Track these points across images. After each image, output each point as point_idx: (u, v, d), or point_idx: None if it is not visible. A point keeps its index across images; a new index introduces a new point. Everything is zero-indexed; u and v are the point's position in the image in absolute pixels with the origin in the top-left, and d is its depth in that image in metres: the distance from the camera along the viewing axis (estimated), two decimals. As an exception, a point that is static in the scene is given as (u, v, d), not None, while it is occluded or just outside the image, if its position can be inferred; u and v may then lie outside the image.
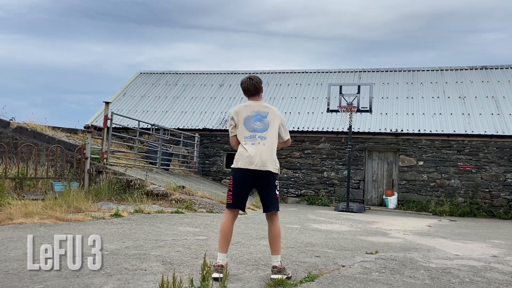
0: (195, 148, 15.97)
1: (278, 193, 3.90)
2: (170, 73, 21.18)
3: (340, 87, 13.77)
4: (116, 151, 12.81)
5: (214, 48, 70.06)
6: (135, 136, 14.11)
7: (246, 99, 4.08)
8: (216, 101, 18.16)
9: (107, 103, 11.06)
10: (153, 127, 13.57)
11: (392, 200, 14.50)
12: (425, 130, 14.75)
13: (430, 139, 14.77)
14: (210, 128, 16.45)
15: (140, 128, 13.41)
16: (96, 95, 74.46)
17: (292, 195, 15.59)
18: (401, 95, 16.82)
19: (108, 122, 10.85)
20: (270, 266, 4.08)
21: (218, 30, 72.91)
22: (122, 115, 13.35)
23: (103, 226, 6.34)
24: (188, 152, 16.25)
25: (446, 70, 17.97)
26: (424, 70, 18.21)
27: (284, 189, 15.57)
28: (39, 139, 11.71)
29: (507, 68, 17.38)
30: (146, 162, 13.61)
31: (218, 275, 3.39)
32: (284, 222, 8.07)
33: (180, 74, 20.97)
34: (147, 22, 77.05)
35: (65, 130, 13.92)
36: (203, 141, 16.49)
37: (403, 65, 41.54)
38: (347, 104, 13.29)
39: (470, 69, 17.79)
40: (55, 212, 6.74)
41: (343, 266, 4.47)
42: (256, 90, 4.00)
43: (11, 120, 13.02)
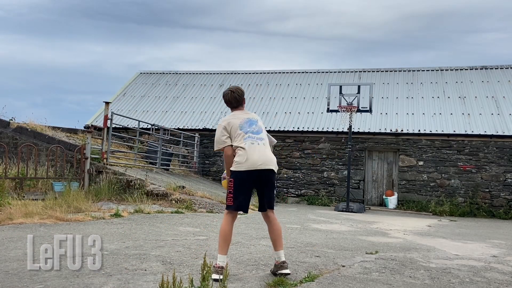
0: (195, 148, 15.97)
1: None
2: (170, 73, 21.19)
3: (340, 87, 13.77)
4: (116, 151, 12.81)
5: (214, 48, 70.09)
6: (135, 136, 14.11)
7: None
8: (216, 101, 18.15)
9: (107, 103, 11.06)
10: (153, 127, 13.56)
11: (392, 200, 14.50)
12: (425, 130, 14.75)
13: (430, 139, 14.77)
14: (210, 128, 16.44)
15: (140, 128, 13.41)
16: (96, 95, 74.52)
17: (292, 195, 15.60)
18: (401, 95, 16.82)
19: (108, 122, 10.85)
20: (270, 266, 4.08)
21: (218, 30, 72.93)
22: (122, 115, 13.35)
23: (103, 226, 6.34)
24: (188, 152, 16.25)
25: (446, 70, 17.98)
26: (424, 70, 18.22)
27: (284, 189, 15.57)
28: (39, 139, 11.71)
29: (507, 68, 17.38)
30: (146, 162, 13.61)
31: (218, 276, 3.39)
32: (284, 222, 8.07)
33: (180, 74, 20.98)
34: (147, 22, 77.09)
35: (65, 130, 13.92)
36: (203, 141, 16.49)
37: (403, 65, 41.59)
38: (347, 104, 13.29)
39: (470, 69, 17.80)
40: (55, 212, 6.74)
41: (343, 266, 4.48)
42: (239, 103, 4.14)
43: (11, 120, 13.01)
